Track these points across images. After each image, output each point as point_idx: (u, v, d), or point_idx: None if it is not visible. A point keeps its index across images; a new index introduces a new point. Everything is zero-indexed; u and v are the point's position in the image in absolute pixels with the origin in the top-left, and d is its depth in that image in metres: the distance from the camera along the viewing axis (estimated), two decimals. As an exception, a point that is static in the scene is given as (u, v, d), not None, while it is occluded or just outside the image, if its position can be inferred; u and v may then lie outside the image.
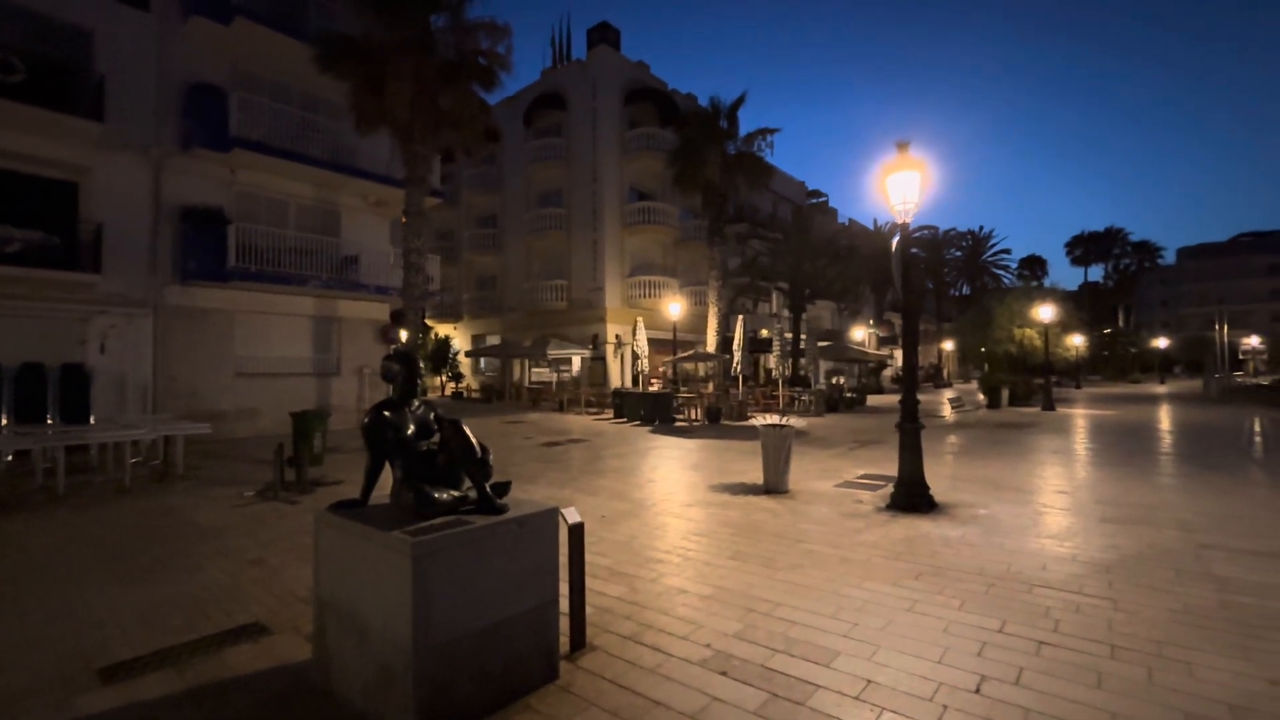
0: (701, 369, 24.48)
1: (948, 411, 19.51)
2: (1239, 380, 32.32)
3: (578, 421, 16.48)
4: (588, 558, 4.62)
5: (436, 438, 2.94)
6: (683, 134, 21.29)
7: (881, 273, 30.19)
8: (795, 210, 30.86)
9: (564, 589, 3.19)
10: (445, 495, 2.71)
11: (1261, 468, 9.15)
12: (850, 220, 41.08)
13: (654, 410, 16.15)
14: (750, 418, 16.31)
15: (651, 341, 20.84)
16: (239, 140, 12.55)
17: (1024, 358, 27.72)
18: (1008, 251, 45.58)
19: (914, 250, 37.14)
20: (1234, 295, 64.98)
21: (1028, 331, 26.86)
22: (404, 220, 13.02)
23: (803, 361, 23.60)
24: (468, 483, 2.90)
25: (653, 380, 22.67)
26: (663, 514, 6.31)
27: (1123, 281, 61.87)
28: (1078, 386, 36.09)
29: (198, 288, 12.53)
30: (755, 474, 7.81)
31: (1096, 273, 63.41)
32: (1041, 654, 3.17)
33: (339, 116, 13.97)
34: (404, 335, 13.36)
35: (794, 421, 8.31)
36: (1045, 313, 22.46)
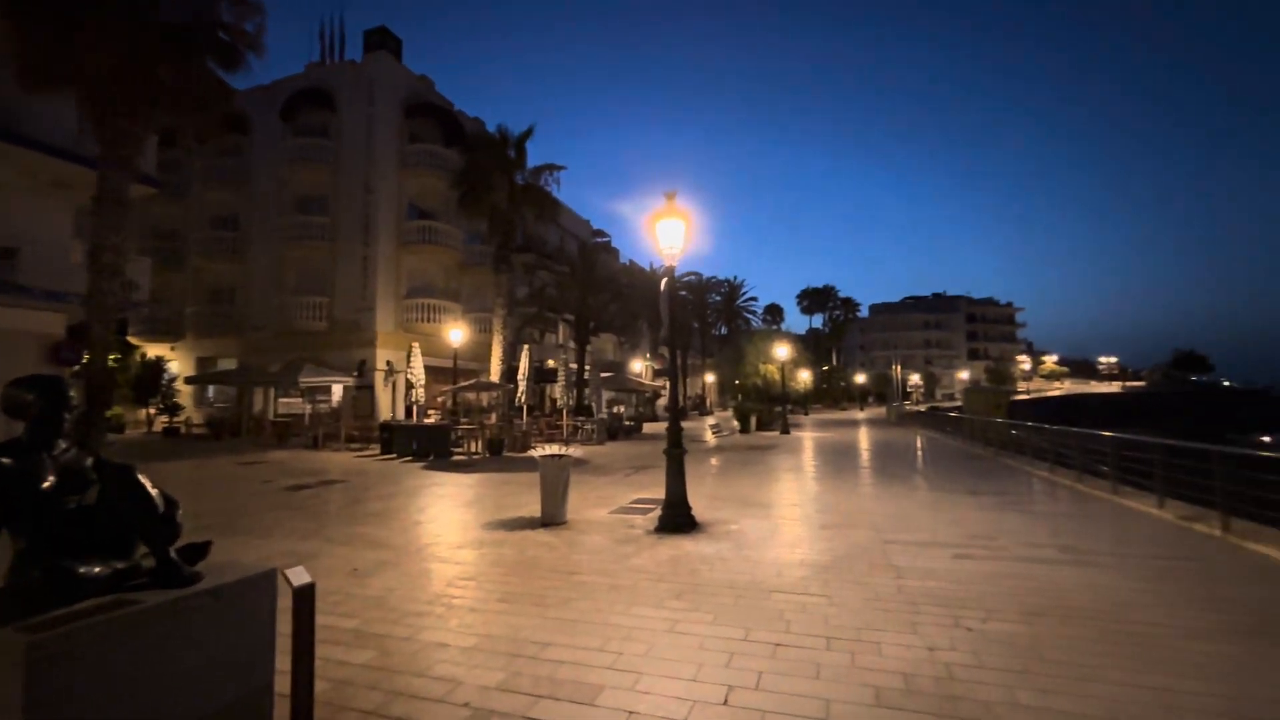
0: (485, 399, 23.58)
1: (709, 436, 21.79)
2: (908, 408, 42.54)
3: (336, 459, 14.47)
4: (330, 620, 3.97)
5: (94, 492, 2.21)
6: (469, 157, 20.70)
7: (657, 310, 32.90)
8: (581, 247, 32.09)
9: (288, 664, 2.63)
10: (98, 569, 2.02)
11: (921, 476, 11.99)
12: (631, 261, 44.12)
13: (429, 444, 14.97)
14: (534, 448, 16.09)
15: (429, 369, 19.44)
16: None
17: (767, 389, 32.55)
18: (755, 299, 53.49)
19: (682, 293, 41.03)
20: (903, 343, 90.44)
21: (769, 367, 31.73)
22: (94, 209, 10.20)
23: (587, 391, 24.31)
24: (145, 549, 2.23)
25: (430, 411, 21.09)
26: (428, 560, 5.75)
27: (835, 328, 77.52)
28: (806, 413, 43.51)
29: None
30: (535, 507, 7.63)
31: (819, 320, 78.41)
32: (777, 655, 3.55)
33: (-7, 63, 10.50)
34: (87, 356, 10.30)
35: (576, 450, 8.39)
36: (781, 352, 26.91)
